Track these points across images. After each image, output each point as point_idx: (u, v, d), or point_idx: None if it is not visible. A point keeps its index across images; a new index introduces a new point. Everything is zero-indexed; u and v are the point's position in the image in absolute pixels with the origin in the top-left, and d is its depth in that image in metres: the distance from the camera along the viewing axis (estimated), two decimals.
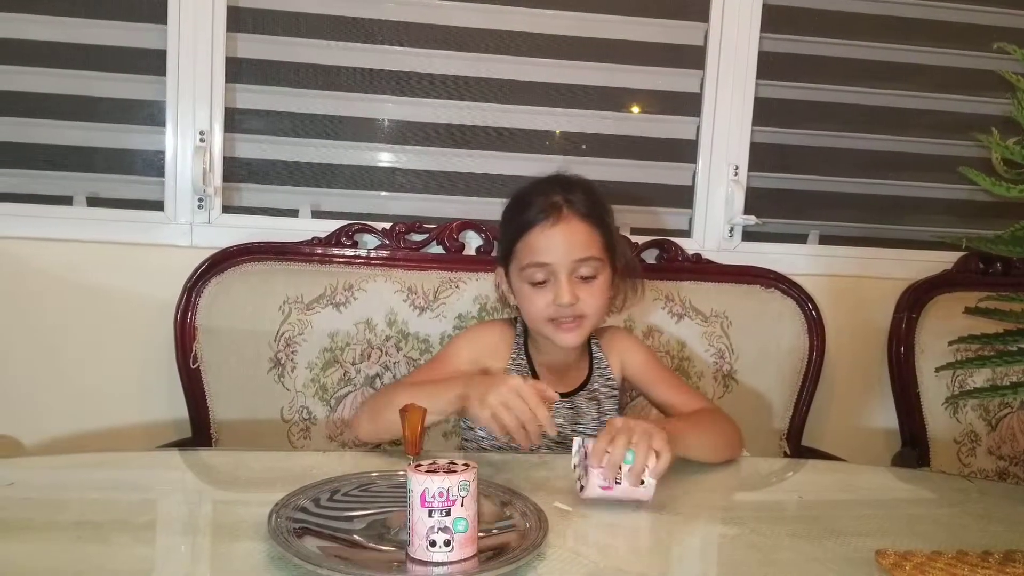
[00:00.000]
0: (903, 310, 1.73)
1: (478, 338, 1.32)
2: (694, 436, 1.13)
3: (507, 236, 1.27)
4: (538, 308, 1.21)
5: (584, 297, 1.20)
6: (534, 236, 1.21)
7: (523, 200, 1.25)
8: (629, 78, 1.75)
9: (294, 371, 1.50)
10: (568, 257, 1.20)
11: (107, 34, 1.57)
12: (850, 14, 1.80)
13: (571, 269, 1.20)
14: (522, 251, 1.22)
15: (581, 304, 1.20)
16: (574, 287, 1.20)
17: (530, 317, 1.25)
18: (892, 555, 0.84)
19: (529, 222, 1.21)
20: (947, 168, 1.85)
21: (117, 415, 1.57)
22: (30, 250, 1.54)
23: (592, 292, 1.22)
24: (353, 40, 1.64)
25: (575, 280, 1.20)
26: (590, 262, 1.21)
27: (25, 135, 1.58)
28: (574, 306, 1.19)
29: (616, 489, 0.96)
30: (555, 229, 1.20)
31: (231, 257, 1.51)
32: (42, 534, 0.84)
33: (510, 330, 1.33)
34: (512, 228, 1.25)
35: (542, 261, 1.20)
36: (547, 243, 1.20)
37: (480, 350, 1.29)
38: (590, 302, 1.21)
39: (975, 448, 1.71)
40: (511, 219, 1.27)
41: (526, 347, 1.31)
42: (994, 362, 1.04)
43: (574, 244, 1.20)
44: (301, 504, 0.89)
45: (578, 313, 1.21)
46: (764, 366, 1.65)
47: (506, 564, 0.77)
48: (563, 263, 1.19)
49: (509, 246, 1.25)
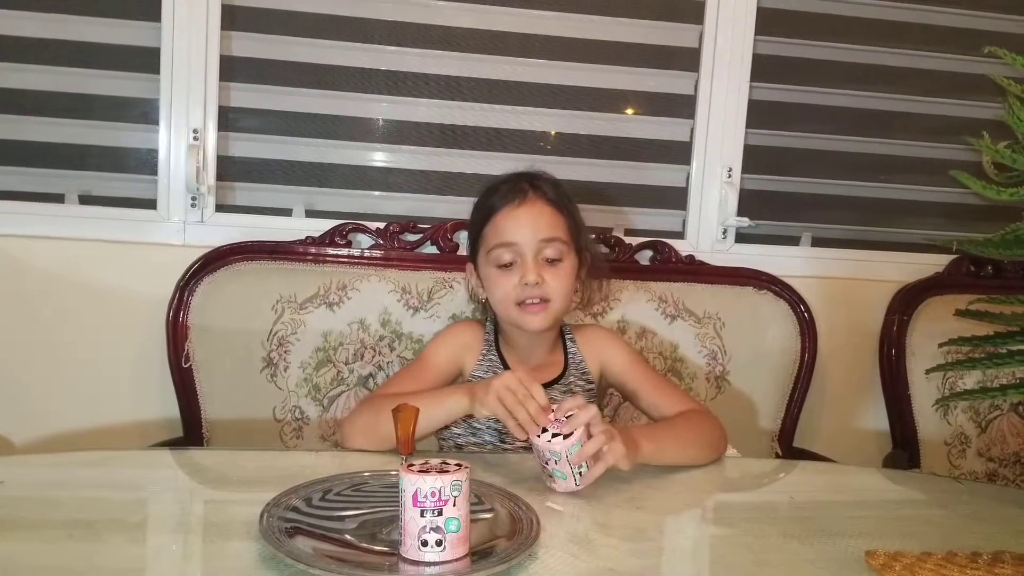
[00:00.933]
0: (895, 312, 1.74)
1: (452, 337, 1.34)
2: (669, 446, 1.13)
3: (475, 225, 1.32)
4: (505, 291, 1.24)
5: (549, 279, 1.23)
6: (500, 218, 1.25)
7: (489, 190, 1.31)
8: (623, 79, 1.75)
9: (287, 371, 1.50)
10: (534, 236, 1.23)
11: (101, 31, 1.56)
12: (843, 18, 1.81)
13: (537, 249, 1.23)
14: (489, 234, 1.26)
15: (546, 286, 1.23)
16: (540, 268, 1.23)
17: (497, 301, 1.27)
18: (882, 555, 0.85)
19: (495, 205, 1.27)
20: (939, 171, 1.86)
21: (109, 414, 1.56)
22: (22, 248, 1.53)
23: (557, 275, 1.24)
24: (347, 39, 1.64)
25: (540, 262, 1.24)
26: (555, 243, 1.24)
27: (17, 132, 1.57)
28: (540, 286, 1.22)
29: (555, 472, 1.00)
30: (521, 209, 1.25)
31: (224, 256, 1.51)
32: (33, 533, 0.83)
33: (480, 329, 1.35)
34: (479, 215, 1.30)
35: (508, 240, 1.23)
36: (514, 223, 1.24)
37: (455, 348, 1.32)
38: (555, 284, 1.24)
39: (965, 450, 1.72)
40: (478, 208, 1.32)
41: (497, 345, 1.32)
42: (984, 364, 1.04)
43: (540, 224, 1.24)
44: (293, 504, 0.89)
45: (543, 295, 1.23)
46: (756, 368, 1.65)
47: (498, 564, 0.77)
48: (529, 242, 1.23)
49: (477, 234, 1.30)
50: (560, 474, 0.99)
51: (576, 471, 0.99)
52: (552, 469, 0.99)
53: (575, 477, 0.99)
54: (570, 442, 0.97)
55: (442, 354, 1.31)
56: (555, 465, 0.99)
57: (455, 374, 1.31)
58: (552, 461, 0.99)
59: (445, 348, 1.32)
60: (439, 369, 1.29)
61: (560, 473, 0.99)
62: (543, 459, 1.00)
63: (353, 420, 1.19)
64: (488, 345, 1.32)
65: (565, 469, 0.98)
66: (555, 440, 0.98)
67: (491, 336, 1.34)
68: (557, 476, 0.99)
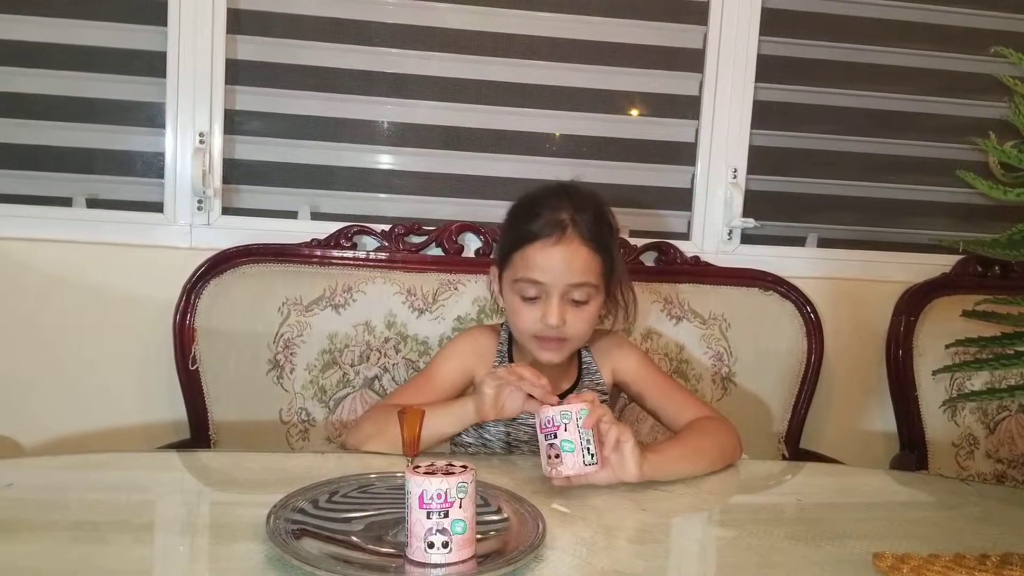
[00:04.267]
0: (901, 313, 1.73)
1: (463, 347, 1.31)
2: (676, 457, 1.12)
3: (507, 240, 1.24)
4: (525, 322, 1.20)
5: (571, 321, 1.18)
6: (533, 251, 1.18)
7: (530, 207, 1.21)
8: (628, 81, 1.75)
9: (293, 373, 1.50)
10: (563, 280, 1.17)
11: (107, 36, 1.57)
12: (847, 17, 1.80)
13: (564, 292, 1.17)
14: (519, 262, 1.19)
15: (567, 328, 1.18)
16: (564, 310, 1.18)
17: (515, 328, 1.24)
18: (890, 558, 0.84)
19: (532, 234, 1.18)
20: (945, 171, 1.85)
21: (116, 416, 1.57)
22: (30, 251, 1.54)
23: (580, 317, 1.20)
24: (351, 43, 1.64)
25: (566, 302, 1.18)
26: (584, 288, 1.18)
27: (25, 136, 1.58)
28: (559, 328, 1.18)
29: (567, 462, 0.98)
30: (556, 249, 1.17)
31: (230, 259, 1.51)
32: (41, 535, 0.84)
33: (494, 336, 1.32)
34: (513, 235, 1.22)
35: (536, 279, 1.17)
36: (546, 262, 1.17)
37: (466, 359, 1.28)
38: (576, 326, 1.19)
39: (973, 451, 1.71)
40: (514, 224, 1.24)
41: (510, 354, 1.30)
42: (992, 365, 1.04)
43: (572, 268, 1.17)
44: (299, 505, 0.89)
45: (562, 336, 1.19)
46: (762, 369, 1.65)
47: (504, 566, 0.77)
48: (557, 285, 1.17)
49: (507, 252, 1.23)
50: (568, 445, 0.97)
51: (585, 442, 0.97)
52: (560, 441, 0.97)
53: (585, 452, 0.97)
54: (579, 405, 0.97)
55: (451, 364, 1.28)
56: (564, 434, 0.97)
57: (466, 384, 1.28)
58: (562, 427, 0.97)
59: (454, 359, 1.29)
60: (446, 380, 1.26)
61: (568, 444, 0.97)
62: (550, 431, 0.98)
63: (358, 429, 1.20)
64: (501, 355, 1.29)
65: (574, 437, 0.97)
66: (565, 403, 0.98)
67: (504, 345, 1.30)
68: (565, 450, 0.97)
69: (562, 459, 0.98)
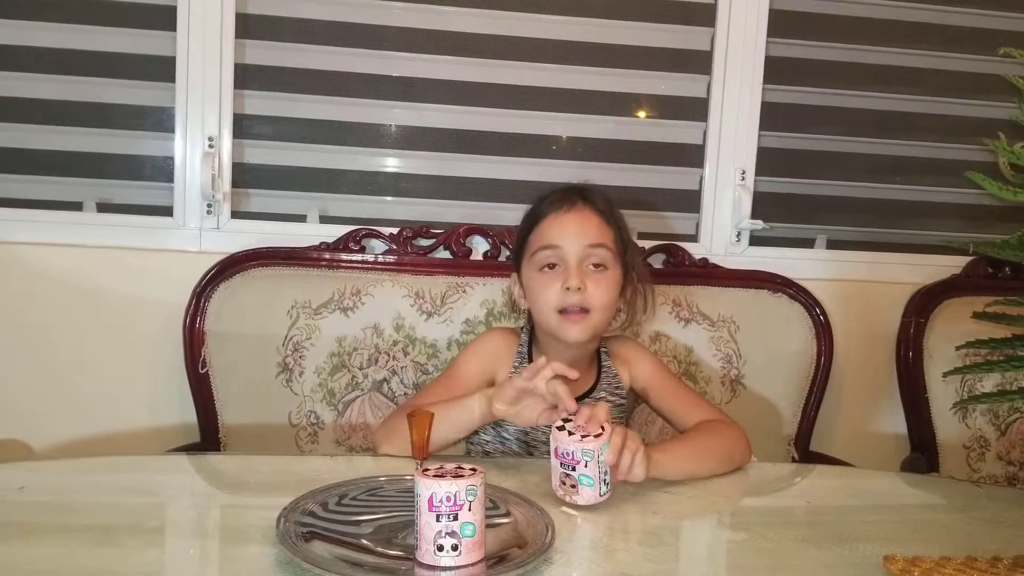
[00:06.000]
0: (911, 314, 1.72)
1: (484, 348, 1.32)
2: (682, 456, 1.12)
3: (522, 232, 1.29)
4: (547, 297, 1.21)
5: (591, 288, 1.20)
6: (547, 223, 1.23)
7: (539, 198, 1.28)
8: (636, 83, 1.75)
9: (302, 376, 1.50)
10: (580, 242, 1.21)
11: (117, 41, 1.58)
12: (856, 18, 1.80)
13: (582, 256, 1.20)
14: (534, 239, 1.25)
15: (588, 295, 1.19)
16: (583, 275, 1.20)
17: (539, 310, 1.24)
18: (900, 560, 0.84)
19: (543, 211, 1.25)
20: (954, 172, 1.85)
21: (126, 419, 1.58)
22: (40, 255, 1.55)
23: (600, 283, 1.21)
24: (359, 46, 1.65)
25: (585, 268, 1.21)
26: (601, 250, 1.21)
27: (35, 141, 1.59)
28: (582, 294, 1.19)
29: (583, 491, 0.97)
30: (569, 215, 1.23)
31: (240, 262, 1.52)
32: (52, 538, 0.84)
33: (515, 338, 1.32)
34: (526, 222, 1.28)
35: (553, 243, 1.21)
36: (560, 228, 1.22)
37: (487, 360, 1.29)
38: (596, 293, 1.20)
39: (984, 453, 1.70)
40: (526, 217, 1.30)
41: (530, 355, 1.30)
42: (1003, 366, 1.03)
43: (587, 230, 1.22)
44: (309, 508, 0.90)
45: (585, 305, 1.20)
46: (772, 371, 1.64)
47: (513, 569, 0.77)
48: (574, 248, 1.21)
49: (523, 239, 1.28)
50: (587, 480, 0.96)
51: (603, 475, 0.97)
52: (579, 475, 0.96)
53: (601, 484, 0.96)
54: (602, 440, 0.96)
55: (472, 365, 1.29)
56: (584, 469, 0.96)
57: (487, 384, 1.27)
58: (582, 463, 0.96)
59: (476, 360, 1.29)
60: (469, 380, 1.26)
61: (587, 479, 0.96)
62: (569, 463, 0.97)
63: (381, 428, 1.22)
64: (521, 357, 1.29)
65: (594, 472, 0.96)
66: (586, 440, 0.96)
67: (525, 348, 1.31)
68: (583, 484, 0.96)
69: (579, 490, 0.97)
